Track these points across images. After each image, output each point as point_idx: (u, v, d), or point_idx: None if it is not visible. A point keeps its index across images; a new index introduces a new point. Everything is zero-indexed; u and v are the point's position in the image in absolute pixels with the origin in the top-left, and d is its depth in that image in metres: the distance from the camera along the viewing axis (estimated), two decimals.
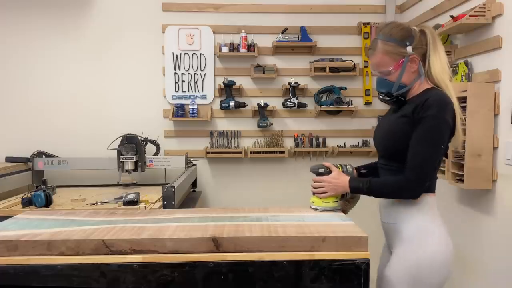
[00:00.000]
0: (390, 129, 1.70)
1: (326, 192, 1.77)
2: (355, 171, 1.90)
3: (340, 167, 1.82)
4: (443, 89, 1.62)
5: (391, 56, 1.64)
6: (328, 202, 1.79)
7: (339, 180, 1.75)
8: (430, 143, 1.56)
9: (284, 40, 3.50)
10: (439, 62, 1.64)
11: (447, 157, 1.92)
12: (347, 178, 1.75)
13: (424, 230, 1.65)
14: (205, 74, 3.60)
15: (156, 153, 3.38)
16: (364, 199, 1.88)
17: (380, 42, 1.66)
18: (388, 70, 1.65)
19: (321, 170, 1.80)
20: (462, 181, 2.34)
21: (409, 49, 1.63)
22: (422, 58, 1.65)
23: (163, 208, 2.46)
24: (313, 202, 1.82)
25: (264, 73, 3.53)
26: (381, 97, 1.75)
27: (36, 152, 3.36)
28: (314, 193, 1.81)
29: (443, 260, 1.66)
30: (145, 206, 2.48)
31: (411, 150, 1.58)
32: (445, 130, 1.56)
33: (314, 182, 1.81)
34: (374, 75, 1.77)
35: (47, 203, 2.50)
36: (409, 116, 1.60)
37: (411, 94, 1.68)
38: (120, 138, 3.19)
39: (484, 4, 2.28)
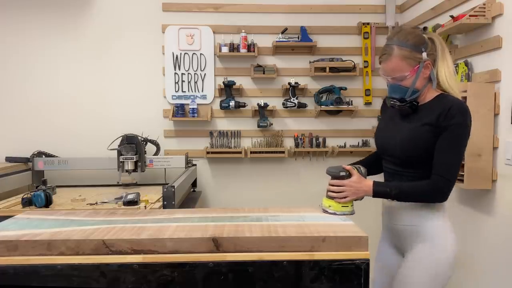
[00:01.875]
0: (414, 137, 1.70)
1: (347, 197, 1.75)
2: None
3: (356, 170, 1.79)
4: (452, 95, 1.68)
5: (408, 62, 1.67)
6: (347, 206, 1.76)
7: (362, 184, 1.76)
8: (457, 150, 1.64)
9: (284, 40, 3.50)
10: (447, 68, 1.69)
11: None
12: (370, 182, 1.77)
13: (443, 230, 1.74)
14: (205, 74, 3.60)
15: (156, 153, 3.38)
16: (365, 197, 1.87)
17: (396, 47, 1.68)
18: (404, 76, 1.68)
19: (342, 174, 1.76)
20: (462, 181, 2.34)
21: (424, 55, 1.66)
22: (433, 64, 1.70)
23: (163, 208, 2.46)
24: (330, 206, 1.76)
25: (264, 73, 3.53)
26: (392, 102, 1.76)
27: (36, 152, 3.36)
28: (332, 197, 1.76)
29: (455, 256, 1.75)
30: (145, 206, 2.48)
31: (440, 156, 1.64)
32: (468, 136, 1.66)
33: (333, 185, 1.77)
34: (388, 81, 1.75)
35: (47, 203, 2.50)
36: (433, 124, 1.65)
37: (421, 99, 1.73)
38: (120, 138, 3.19)
39: (484, 4, 2.29)
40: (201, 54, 3.59)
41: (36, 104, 3.50)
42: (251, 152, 3.52)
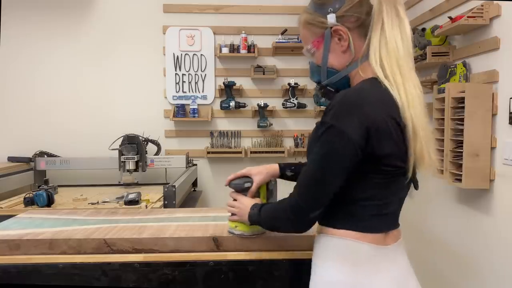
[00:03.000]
0: (309, 141, 1.19)
1: (236, 216, 1.37)
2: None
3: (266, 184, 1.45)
4: (390, 83, 1.10)
5: (311, 29, 1.21)
6: (237, 226, 1.41)
7: (247, 205, 1.31)
8: (319, 161, 1.09)
9: (284, 41, 3.51)
10: (384, 41, 1.11)
11: (415, 187, 1.29)
12: (252, 203, 1.30)
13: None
14: (205, 74, 3.62)
15: (157, 153, 3.40)
16: None
17: (303, 11, 1.24)
18: (308, 49, 1.23)
19: (247, 185, 1.38)
20: (460, 180, 2.35)
21: (331, 18, 1.15)
22: (361, 32, 1.15)
23: (164, 207, 2.48)
24: (236, 226, 1.42)
25: (264, 74, 3.55)
26: (316, 89, 1.30)
27: (38, 152, 3.38)
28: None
29: None
30: (146, 206, 2.49)
31: (304, 168, 1.14)
32: (341, 146, 1.05)
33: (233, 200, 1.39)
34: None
35: (49, 202, 2.52)
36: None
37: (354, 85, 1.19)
38: (122, 138, 3.21)
39: (482, 6, 2.30)
40: (201, 55, 3.60)
41: (38, 104, 3.52)
42: (251, 152, 3.54)
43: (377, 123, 1.05)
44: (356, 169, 1.08)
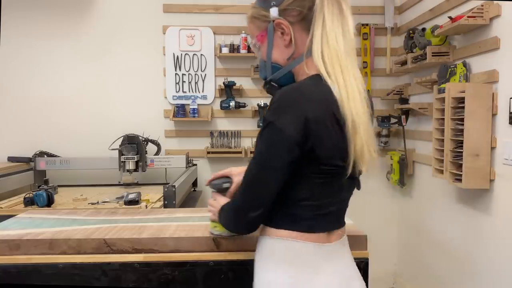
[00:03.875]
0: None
1: (213, 215, 1.34)
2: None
3: None
4: (331, 79, 1.07)
5: (256, 23, 1.20)
6: (216, 226, 1.39)
7: (220, 205, 1.27)
8: (258, 159, 1.08)
9: None
10: (325, 37, 1.09)
11: (357, 187, 1.23)
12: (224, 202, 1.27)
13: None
14: (205, 74, 3.62)
15: (157, 153, 3.40)
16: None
17: (250, 6, 1.23)
18: (253, 43, 1.22)
19: (226, 186, 1.36)
20: (460, 180, 2.35)
21: (273, 11, 1.14)
22: (304, 27, 1.13)
23: (164, 207, 2.48)
24: (215, 226, 1.41)
25: None
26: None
27: (38, 152, 3.38)
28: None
29: None
30: (146, 206, 2.49)
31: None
32: (279, 143, 1.04)
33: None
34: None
35: (49, 202, 2.52)
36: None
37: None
38: (121, 138, 3.21)
39: (482, 6, 2.30)
40: (201, 54, 3.60)
41: (38, 105, 3.52)
42: (251, 152, 3.53)
43: (317, 121, 1.04)
44: (296, 169, 1.06)
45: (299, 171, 1.07)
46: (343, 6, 1.12)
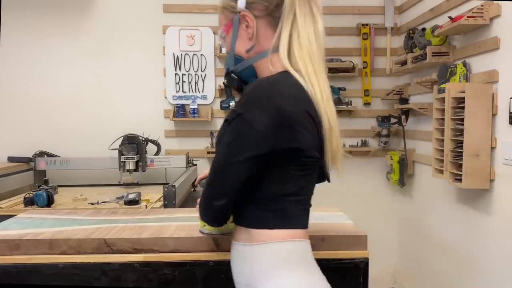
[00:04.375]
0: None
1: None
2: None
3: None
4: (302, 77, 1.07)
5: (224, 13, 1.19)
6: (205, 225, 1.41)
7: None
8: (224, 149, 1.07)
9: None
10: (297, 35, 1.08)
11: (327, 180, 1.22)
12: None
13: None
14: (205, 74, 3.62)
15: (157, 153, 3.40)
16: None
17: None
18: (219, 33, 1.22)
19: None
20: (460, 180, 2.35)
21: (240, 2, 1.13)
22: (270, 22, 1.13)
23: (164, 207, 2.48)
24: (204, 225, 1.43)
25: None
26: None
27: (38, 152, 3.38)
28: None
29: None
30: (146, 206, 2.49)
31: None
32: (246, 136, 1.03)
33: None
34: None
35: (49, 202, 2.52)
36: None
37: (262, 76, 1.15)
38: (121, 138, 3.21)
39: (482, 6, 2.30)
40: (201, 54, 3.60)
41: (38, 104, 3.52)
42: None
43: (291, 116, 1.03)
44: (274, 163, 1.06)
45: (279, 165, 1.07)
46: (313, 8, 1.11)
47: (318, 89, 1.07)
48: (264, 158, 1.04)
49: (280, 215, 1.10)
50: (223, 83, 3.50)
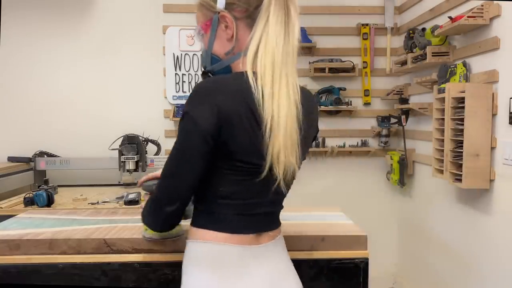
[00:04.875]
0: None
1: None
2: None
3: None
4: (256, 77, 1.04)
5: (203, 12, 1.18)
6: (147, 229, 1.38)
7: None
8: (174, 150, 1.07)
9: None
10: (266, 37, 1.06)
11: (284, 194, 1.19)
12: None
13: None
14: None
15: (157, 153, 3.40)
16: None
17: None
18: (197, 30, 1.20)
19: None
20: (460, 180, 2.35)
21: (220, 2, 1.12)
22: (248, 24, 1.11)
23: None
24: (146, 229, 1.40)
25: None
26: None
27: (38, 152, 3.38)
28: None
29: None
30: None
31: None
32: (192, 134, 1.03)
33: None
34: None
35: (49, 202, 2.52)
36: None
37: None
38: (121, 138, 3.21)
39: (482, 5, 2.30)
40: (201, 54, 3.60)
41: (38, 105, 3.52)
42: None
43: (230, 114, 1.02)
44: (212, 164, 1.05)
45: (215, 166, 1.06)
46: (291, 9, 1.09)
47: (270, 90, 1.03)
48: (210, 156, 1.04)
49: (211, 217, 1.11)
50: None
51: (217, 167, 1.06)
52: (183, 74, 3.60)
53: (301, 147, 1.08)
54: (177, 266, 1.39)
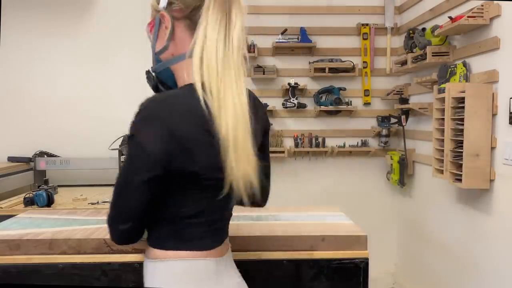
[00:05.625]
0: None
1: None
2: None
3: None
4: (205, 91, 1.00)
5: (151, 12, 1.15)
6: None
7: None
8: (122, 171, 1.04)
9: (284, 41, 3.51)
10: (205, 43, 1.01)
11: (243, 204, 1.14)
12: None
13: None
14: None
15: None
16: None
17: None
18: (146, 30, 1.17)
19: None
20: (460, 180, 2.35)
21: (162, 2, 1.08)
22: (187, 26, 1.08)
23: None
24: None
25: (264, 74, 3.55)
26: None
27: (38, 152, 3.37)
28: None
29: None
30: None
31: None
32: (139, 159, 1.00)
33: None
34: None
35: (49, 202, 2.52)
36: None
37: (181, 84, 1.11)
38: (121, 138, 3.21)
39: (482, 5, 2.30)
40: None
41: (38, 104, 3.52)
42: None
43: (184, 137, 0.99)
44: (172, 185, 1.02)
45: (180, 188, 1.04)
46: (232, 13, 1.03)
47: (217, 102, 0.99)
48: (160, 180, 1.00)
49: (177, 237, 1.07)
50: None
51: (178, 187, 1.03)
52: None
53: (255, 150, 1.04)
54: None
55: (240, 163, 1.00)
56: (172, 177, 1.01)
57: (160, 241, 1.08)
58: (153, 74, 1.15)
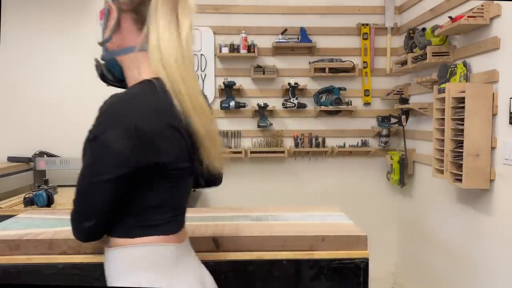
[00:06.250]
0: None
1: None
2: None
3: None
4: (171, 88, 1.03)
5: (104, 1, 1.14)
6: None
7: None
8: (85, 171, 1.04)
9: (284, 41, 3.51)
10: (159, 41, 1.03)
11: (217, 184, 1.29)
12: None
13: None
14: (205, 74, 3.62)
15: None
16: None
17: None
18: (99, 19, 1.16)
19: None
20: (460, 180, 2.35)
21: None
22: (134, 19, 1.09)
23: None
24: None
25: (264, 74, 3.55)
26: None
27: (37, 152, 3.38)
28: None
29: None
30: None
31: None
32: (105, 159, 1.01)
33: None
34: None
35: (49, 202, 2.52)
36: None
37: (130, 80, 1.12)
38: None
39: (482, 5, 2.30)
40: (201, 55, 3.60)
41: (38, 105, 3.51)
42: (251, 152, 3.53)
43: (150, 132, 1.01)
44: (144, 180, 1.04)
45: (147, 180, 1.05)
46: (179, 11, 1.06)
47: (188, 98, 1.03)
48: (127, 177, 1.02)
49: (143, 226, 1.08)
50: (223, 83, 3.50)
51: (144, 180, 1.05)
52: None
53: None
54: None
55: (214, 148, 1.10)
56: (141, 172, 1.02)
57: (124, 230, 1.09)
58: (102, 62, 1.16)
